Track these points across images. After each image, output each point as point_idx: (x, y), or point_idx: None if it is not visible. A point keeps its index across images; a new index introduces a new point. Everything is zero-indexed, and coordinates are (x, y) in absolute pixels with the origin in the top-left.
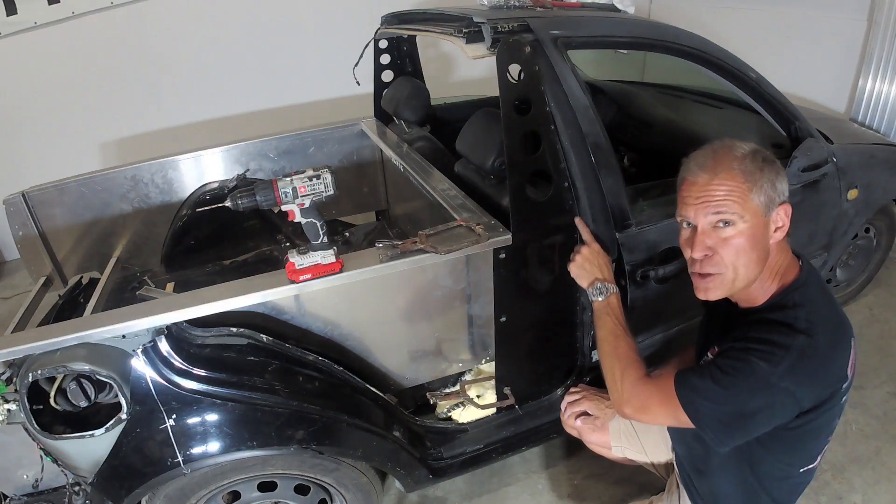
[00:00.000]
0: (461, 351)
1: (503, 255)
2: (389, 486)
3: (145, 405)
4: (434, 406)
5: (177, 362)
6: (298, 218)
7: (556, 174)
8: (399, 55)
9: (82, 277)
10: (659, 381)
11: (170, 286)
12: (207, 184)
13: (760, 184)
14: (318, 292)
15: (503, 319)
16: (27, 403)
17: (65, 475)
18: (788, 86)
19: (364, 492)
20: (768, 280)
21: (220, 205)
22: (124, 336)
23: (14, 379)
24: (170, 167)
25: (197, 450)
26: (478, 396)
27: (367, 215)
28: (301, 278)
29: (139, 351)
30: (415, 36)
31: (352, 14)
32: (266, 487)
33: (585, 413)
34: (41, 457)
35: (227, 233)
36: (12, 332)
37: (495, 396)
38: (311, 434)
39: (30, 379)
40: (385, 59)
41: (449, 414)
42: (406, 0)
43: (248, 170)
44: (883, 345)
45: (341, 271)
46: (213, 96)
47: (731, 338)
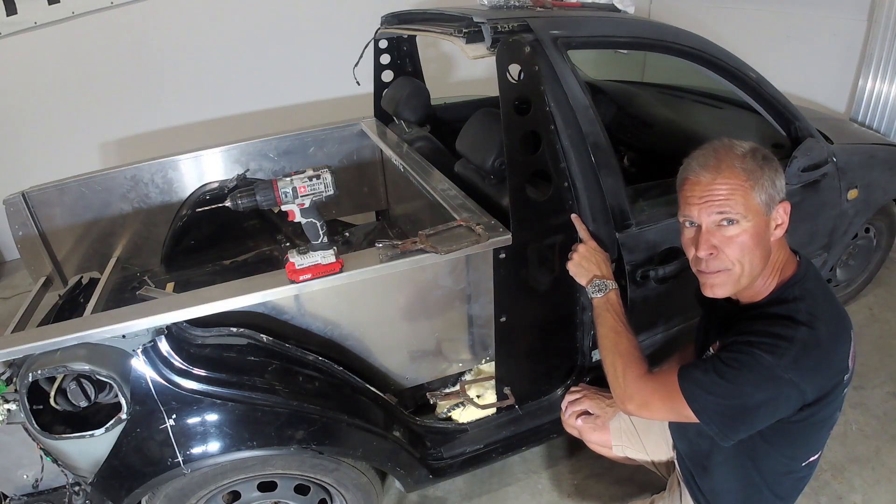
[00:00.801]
0: (461, 351)
1: (503, 255)
2: (389, 486)
3: (145, 405)
4: (434, 406)
5: (177, 362)
6: (298, 218)
7: (556, 174)
8: (399, 55)
9: (82, 277)
10: (661, 377)
11: (170, 286)
12: (207, 184)
13: (762, 182)
14: (318, 292)
15: (503, 319)
16: (27, 403)
17: (65, 475)
18: (788, 86)
19: (364, 492)
20: (769, 276)
21: (220, 205)
22: (124, 336)
23: (14, 379)
24: (170, 167)
25: (197, 450)
26: (478, 396)
27: (367, 215)
28: (301, 278)
29: (139, 351)
30: (415, 36)
31: (352, 14)
32: (266, 487)
33: (586, 412)
34: (41, 457)
35: (227, 233)
36: (12, 332)
37: (495, 396)
38: (311, 434)
39: (30, 379)
40: (385, 59)
41: (449, 414)
42: (406, 0)
43: (248, 170)
44: (883, 345)
45: (341, 271)
46: (213, 96)
47: (733, 332)
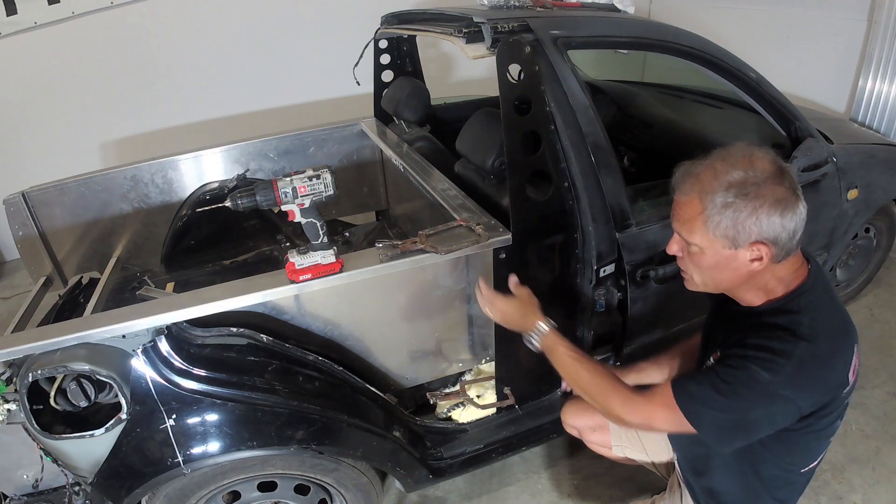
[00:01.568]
0: (461, 351)
1: (503, 255)
2: (389, 486)
3: (145, 405)
4: (434, 406)
5: (177, 362)
6: (298, 218)
7: (556, 174)
8: (399, 55)
9: (82, 277)
10: (657, 395)
11: (170, 286)
12: (207, 184)
13: (717, 220)
14: (318, 292)
15: None
16: (27, 403)
17: (65, 475)
18: (788, 86)
19: (364, 492)
20: (755, 290)
21: (220, 205)
22: (124, 336)
23: (14, 379)
24: (170, 167)
25: (197, 450)
26: (478, 396)
27: (367, 215)
28: (301, 278)
29: (139, 351)
30: (415, 36)
31: (352, 14)
32: (266, 487)
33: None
34: (41, 457)
35: (227, 233)
36: (12, 332)
37: (495, 396)
38: (311, 434)
39: (30, 379)
40: (385, 59)
41: (449, 414)
42: (406, 0)
43: (248, 170)
44: (883, 345)
45: (341, 271)
46: (214, 96)
47: (732, 341)
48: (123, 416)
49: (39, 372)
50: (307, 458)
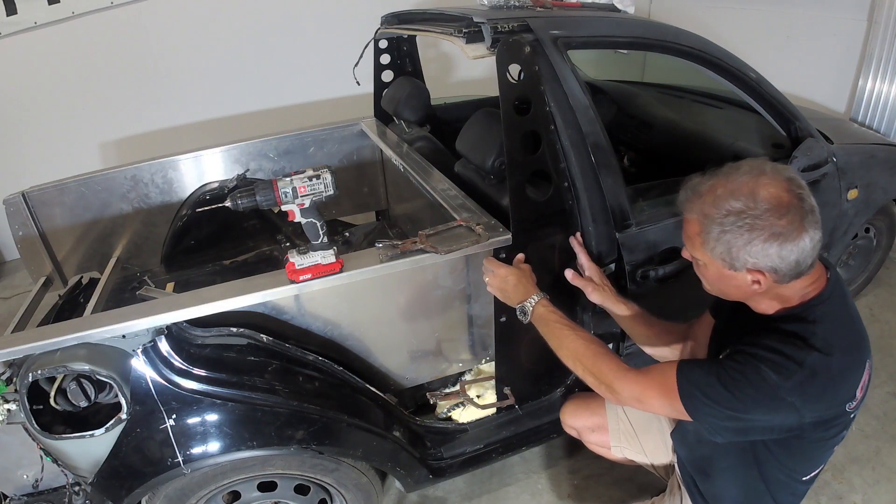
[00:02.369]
0: (461, 351)
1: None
2: (389, 486)
3: (145, 405)
4: (434, 406)
5: (177, 362)
6: (298, 218)
7: (556, 174)
8: (399, 55)
9: (82, 277)
10: (657, 371)
11: (170, 286)
12: (207, 184)
13: (713, 245)
14: (318, 292)
15: (503, 319)
16: (27, 403)
17: (65, 475)
18: (788, 86)
19: (364, 492)
20: (767, 301)
21: (220, 205)
22: (124, 336)
23: (14, 379)
24: (170, 167)
25: (197, 450)
26: (478, 396)
27: (367, 215)
28: (301, 278)
29: (139, 351)
30: (415, 36)
31: (352, 14)
32: (266, 487)
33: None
34: (41, 457)
35: (227, 233)
36: (12, 332)
37: (495, 396)
38: (311, 434)
39: (30, 379)
40: (385, 59)
41: (449, 414)
42: (406, 0)
43: (248, 170)
44: (883, 345)
45: (341, 271)
46: (213, 96)
47: (745, 340)
48: (123, 416)
49: (39, 372)
50: (307, 458)
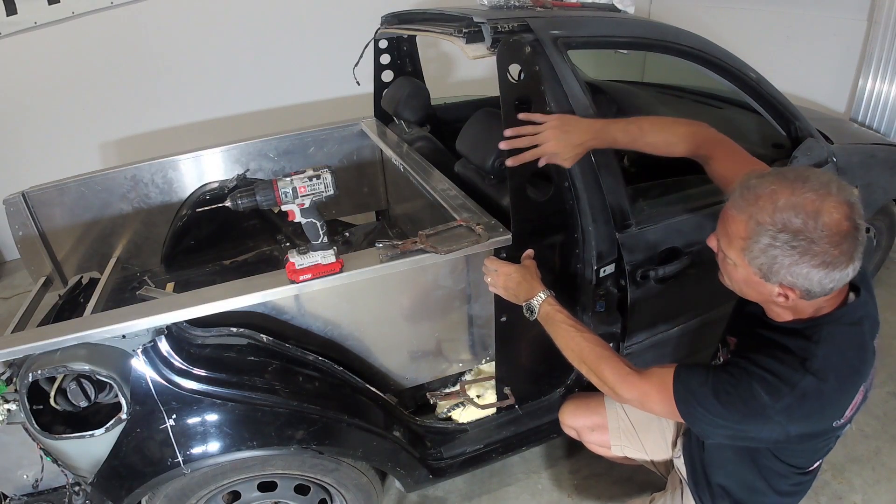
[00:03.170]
0: (461, 351)
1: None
2: (389, 486)
3: (145, 405)
4: (434, 406)
5: (177, 362)
6: (298, 218)
7: (557, 174)
8: (399, 55)
9: (82, 277)
10: (654, 377)
11: (170, 286)
12: (207, 184)
13: (756, 255)
14: (318, 292)
15: (503, 319)
16: (27, 403)
17: (65, 475)
18: (788, 86)
19: (364, 492)
20: (782, 309)
21: (220, 205)
22: (124, 336)
23: (14, 379)
24: (170, 167)
25: (197, 450)
26: (478, 396)
27: (367, 215)
28: (301, 278)
29: (139, 351)
30: (415, 36)
31: (352, 14)
32: (266, 487)
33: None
34: (41, 457)
35: (227, 233)
36: (12, 332)
37: (495, 396)
38: (311, 434)
39: (30, 379)
40: (385, 59)
41: (449, 414)
42: (406, 0)
43: (248, 170)
44: (883, 345)
45: (341, 271)
46: (213, 96)
47: (745, 343)
48: (123, 416)
49: (39, 372)
50: (307, 458)
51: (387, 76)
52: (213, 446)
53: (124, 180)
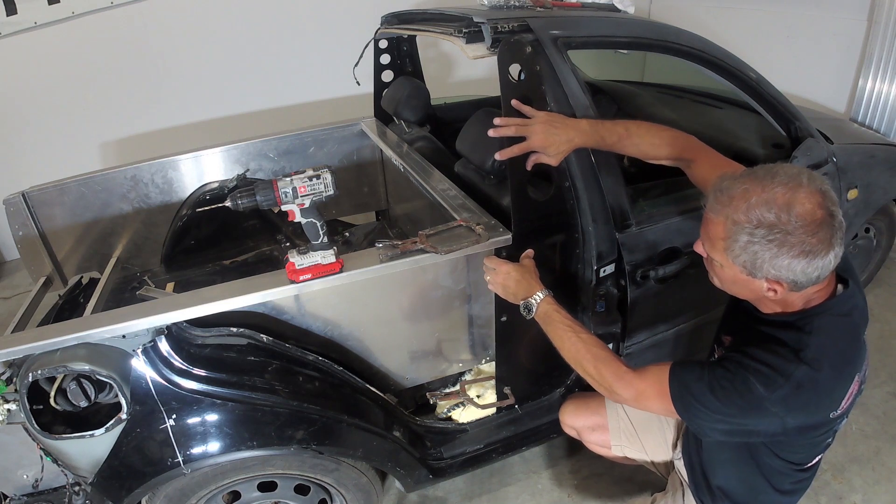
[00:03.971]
0: (461, 351)
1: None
2: (389, 486)
3: (145, 405)
4: (434, 406)
5: (177, 362)
6: (298, 218)
7: (557, 174)
8: (399, 55)
9: (82, 277)
10: (650, 375)
11: (170, 286)
12: (207, 184)
13: (737, 253)
14: (318, 292)
15: (504, 319)
16: (27, 403)
17: (65, 475)
18: (788, 86)
19: (364, 492)
20: (772, 304)
21: (220, 205)
22: (124, 336)
23: (14, 379)
24: (170, 167)
25: (197, 450)
26: (478, 396)
27: (367, 215)
28: (301, 278)
29: (139, 351)
30: (415, 36)
31: (352, 14)
32: (266, 487)
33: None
34: (41, 457)
35: (227, 233)
36: (12, 332)
37: (495, 396)
38: (311, 434)
39: (30, 379)
40: (385, 59)
41: (449, 414)
42: (406, 0)
43: (248, 170)
44: (883, 345)
45: (341, 271)
46: (213, 96)
47: (740, 343)
48: (123, 416)
49: (39, 372)
50: (307, 458)
51: (387, 76)
52: (213, 446)
53: (124, 180)
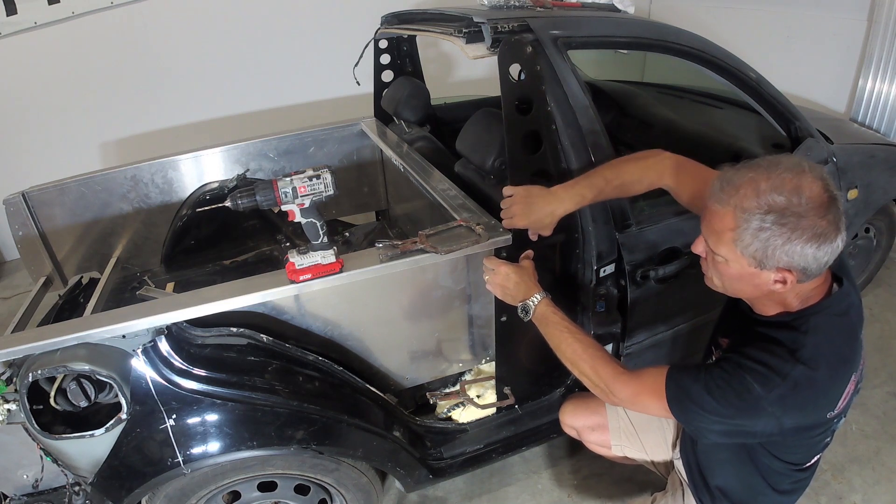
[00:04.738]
0: (461, 351)
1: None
2: (389, 486)
3: (145, 405)
4: (434, 406)
5: (177, 362)
6: (298, 218)
7: (557, 174)
8: (399, 55)
9: (82, 277)
10: (647, 377)
11: (170, 286)
12: (207, 184)
13: (748, 242)
14: (318, 292)
15: (504, 319)
16: (27, 403)
17: (65, 475)
18: (788, 86)
19: (364, 492)
20: (772, 303)
21: (220, 205)
22: (124, 336)
23: (14, 379)
24: (170, 167)
25: (197, 450)
26: (478, 396)
27: (367, 215)
28: (301, 278)
29: (139, 351)
30: (415, 36)
31: (352, 14)
32: (266, 487)
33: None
34: (41, 457)
35: (227, 233)
36: (12, 332)
37: (495, 396)
38: (311, 434)
39: (30, 379)
40: (385, 59)
41: (449, 414)
42: (406, 0)
43: (248, 170)
44: (883, 345)
45: (341, 271)
46: (213, 96)
47: (736, 344)
48: (123, 416)
49: (39, 372)
50: (307, 458)
51: (387, 76)
52: (213, 446)
53: (124, 180)
